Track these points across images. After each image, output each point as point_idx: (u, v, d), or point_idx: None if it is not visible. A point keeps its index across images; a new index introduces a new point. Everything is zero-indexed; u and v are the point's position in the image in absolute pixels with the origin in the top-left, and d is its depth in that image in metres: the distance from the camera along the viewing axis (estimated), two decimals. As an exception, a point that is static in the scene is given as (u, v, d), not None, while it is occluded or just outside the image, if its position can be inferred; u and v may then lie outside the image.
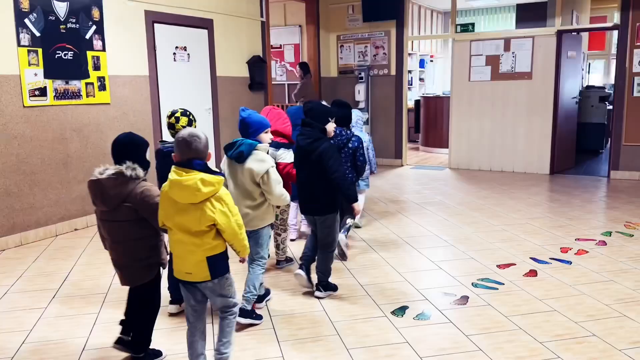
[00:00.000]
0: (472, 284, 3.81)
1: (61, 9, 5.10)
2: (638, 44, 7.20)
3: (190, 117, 3.28)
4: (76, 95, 5.30)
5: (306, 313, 3.37)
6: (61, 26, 5.11)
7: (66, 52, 5.17)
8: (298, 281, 3.69)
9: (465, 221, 5.48)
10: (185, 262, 2.41)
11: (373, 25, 9.06)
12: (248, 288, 3.21)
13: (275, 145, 3.85)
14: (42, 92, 4.99)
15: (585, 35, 11.09)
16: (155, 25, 6.14)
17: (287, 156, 3.86)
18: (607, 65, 13.79)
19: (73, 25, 5.22)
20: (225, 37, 7.17)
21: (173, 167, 2.35)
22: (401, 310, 3.38)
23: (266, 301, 3.52)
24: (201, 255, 2.37)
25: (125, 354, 2.83)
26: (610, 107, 8.82)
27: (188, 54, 6.61)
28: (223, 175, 2.51)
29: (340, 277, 3.95)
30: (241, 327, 3.11)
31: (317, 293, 3.60)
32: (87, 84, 5.39)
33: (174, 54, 6.43)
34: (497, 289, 3.71)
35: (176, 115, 3.24)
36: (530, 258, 4.32)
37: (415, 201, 6.41)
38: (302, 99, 8.46)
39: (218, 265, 2.42)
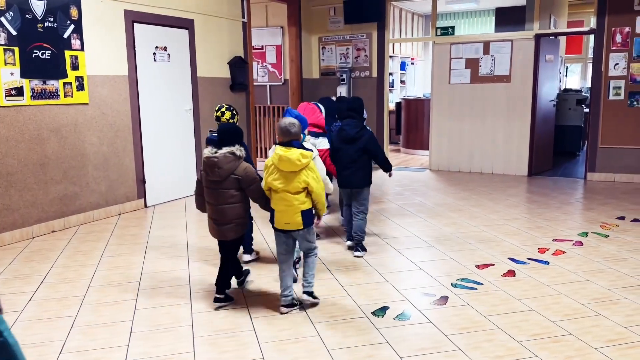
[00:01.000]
0: (452, 284, 3.84)
1: (38, 7, 5.02)
2: (614, 48, 7.35)
3: (233, 111, 4.11)
4: (54, 95, 5.22)
5: (287, 315, 3.37)
6: (38, 25, 5.03)
7: (44, 52, 5.09)
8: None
9: (445, 222, 5.53)
10: (285, 214, 3.30)
11: (354, 27, 9.10)
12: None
13: (315, 134, 4.75)
14: (19, 91, 4.91)
15: (562, 39, 11.28)
16: (135, 25, 6.08)
17: (324, 143, 4.66)
18: (584, 68, 14.06)
19: (51, 24, 5.14)
20: (206, 37, 7.13)
21: (278, 146, 3.29)
22: (382, 311, 3.40)
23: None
24: (297, 209, 3.27)
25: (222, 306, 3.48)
26: (587, 110, 8.98)
27: (168, 54, 6.56)
28: (312, 151, 3.42)
29: (322, 279, 3.96)
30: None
31: (356, 253, 4.48)
32: (65, 83, 5.31)
33: (154, 54, 6.38)
34: (476, 289, 3.76)
35: (222, 110, 4.08)
36: (509, 258, 4.38)
37: (396, 202, 6.45)
38: None
39: (307, 217, 3.32)
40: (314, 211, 3.38)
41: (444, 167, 8.75)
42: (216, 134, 3.67)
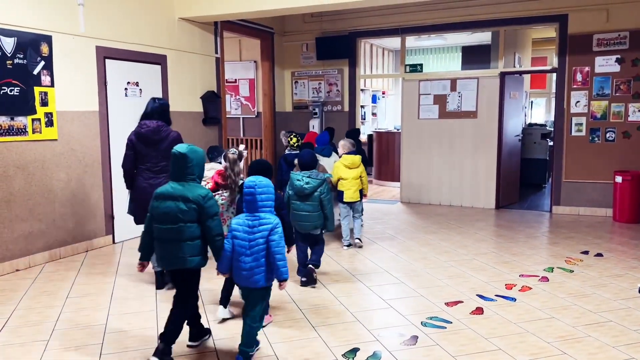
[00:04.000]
0: (422, 322, 3.88)
1: (8, 44, 5.00)
2: (575, 86, 7.65)
3: (297, 136, 6.25)
4: (22, 131, 5.15)
5: (256, 357, 3.34)
6: (7, 62, 5.00)
7: (12, 88, 5.04)
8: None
9: (415, 257, 5.59)
10: (350, 192, 5.72)
11: (326, 63, 9.28)
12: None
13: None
14: (-15, 128, 4.84)
15: (527, 76, 11.69)
16: (107, 60, 6.08)
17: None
18: (548, 102, 14.54)
19: (20, 61, 5.11)
20: (179, 72, 7.17)
21: (345, 154, 5.78)
22: (352, 353, 3.40)
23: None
24: (356, 189, 5.76)
25: None
26: (552, 143, 9.27)
27: (140, 89, 6.56)
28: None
29: (293, 319, 3.95)
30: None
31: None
32: (33, 120, 5.26)
33: (126, 89, 6.38)
34: (445, 327, 3.80)
35: (291, 136, 6.22)
36: (477, 295, 4.44)
37: (368, 236, 6.49)
38: None
39: (361, 194, 5.83)
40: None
41: (414, 199, 8.87)
42: (291, 153, 5.98)
